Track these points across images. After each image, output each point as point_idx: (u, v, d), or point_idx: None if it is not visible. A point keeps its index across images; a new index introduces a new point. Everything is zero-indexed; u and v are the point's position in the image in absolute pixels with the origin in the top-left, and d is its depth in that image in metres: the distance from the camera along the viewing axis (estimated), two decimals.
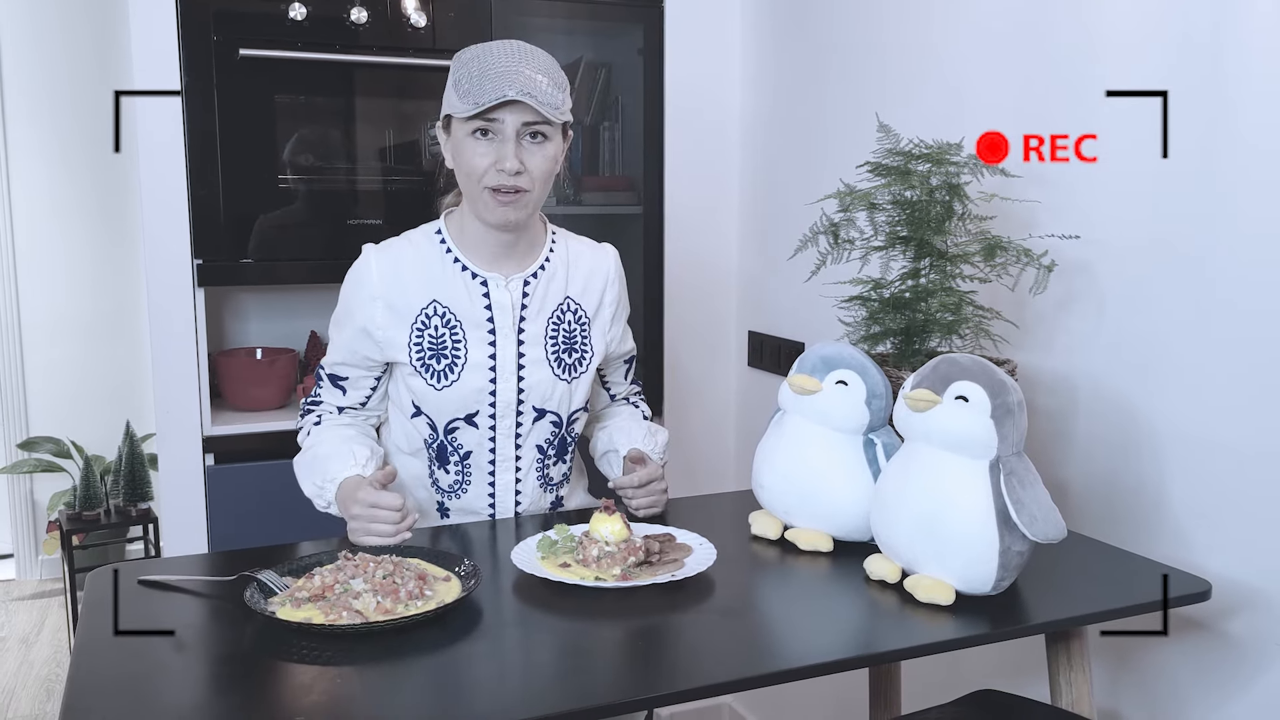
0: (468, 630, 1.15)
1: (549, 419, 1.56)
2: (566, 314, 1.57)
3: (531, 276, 1.54)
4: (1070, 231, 1.65)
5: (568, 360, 1.56)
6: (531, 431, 1.56)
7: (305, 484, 1.54)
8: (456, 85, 1.43)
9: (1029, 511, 1.18)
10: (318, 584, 1.18)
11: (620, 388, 1.75)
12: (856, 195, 1.60)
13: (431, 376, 1.50)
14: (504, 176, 1.42)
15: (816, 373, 1.41)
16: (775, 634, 1.15)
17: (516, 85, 1.38)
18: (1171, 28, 1.48)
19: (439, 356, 1.49)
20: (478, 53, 1.44)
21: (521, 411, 1.54)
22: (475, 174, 1.44)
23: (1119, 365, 1.60)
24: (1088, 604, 1.23)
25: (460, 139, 1.44)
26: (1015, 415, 1.21)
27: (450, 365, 1.49)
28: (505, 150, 1.41)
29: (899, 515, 1.25)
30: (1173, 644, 1.54)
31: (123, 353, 3.94)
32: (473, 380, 1.50)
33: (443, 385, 1.50)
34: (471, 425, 1.53)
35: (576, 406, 1.59)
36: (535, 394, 1.54)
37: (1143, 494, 1.57)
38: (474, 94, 1.39)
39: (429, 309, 1.50)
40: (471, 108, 1.39)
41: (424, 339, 1.49)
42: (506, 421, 1.54)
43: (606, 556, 1.30)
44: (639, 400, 1.78)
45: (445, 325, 1.50)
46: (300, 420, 1.63)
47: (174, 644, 1.11)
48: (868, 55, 2.13)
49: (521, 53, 1.43)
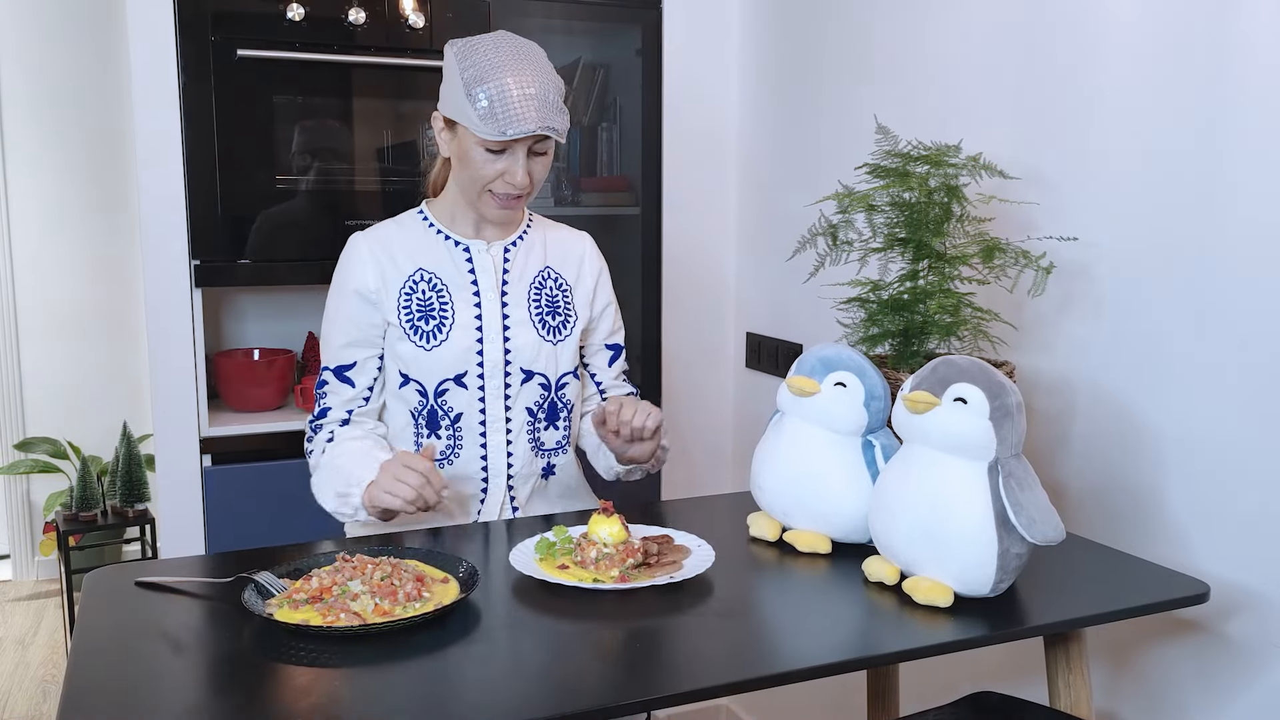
0: (466, 632, 1.15)
1: (537, 380, 1.61)
2: (548, 281, 1.64)
3: (511, 245, 1.63)
4: (1068, 233, 1.65)
5: (552, 323, 1.63)
6: (520, 393, 1.60)
7: (325, 495, 1.55)
8: (472, 101, 1.44)
9: (1027, 514, 1.18)
10: (315, 586, 1.18)
11: (610, 383, 1.74)
12: (855, 197, 1.60)
13: (420, 338, 1.56)
14: (511, 188, 1.51)
15: (815, 374, 1.41)
16: (773, 636, 1.15)
17: (539, 116, 1.44)
18: (1170, 28, 1.48)
19: (427, 318, 1.57)
20: (490, 63, 1.45)
21: (509, 373, 1.59)
22: (481, 180, 1.51)
23: (1117, 367, 1.60)
24: (1086, 606, 1.23)
25: (468, 145, 1.50)
26: (1014, 417, 1.21)
27: (439, 326, 1.56)
28: (516, 167, 1.49)
29: (897, 517, 1.25)
30: (1171, 646, 1.54)
31: (120, 353, 3.94)
32: (461, 340, 1.57)
33: (432, 346, 1.56)
34: (461, 386, 1.57)
35: (564, 369, 1.64)
36: (522, 355, 1.59)
37: (1141, 495, 1.57)
38: (499, 121, 1.44)
39: (415, 275, 1.58)
40: (497, 135, 1.44)
41: (412, 302, 1.57)
42: (495, 382, 1.58)
43: (605, 558, 1.30)
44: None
45: (432, 289, 1.57)
46: (309, 443, 1.62)
47: (171, 646, 1.11)
48: (866, 57, 2.13)
49: (531, 65, 1.46)
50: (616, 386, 1.75)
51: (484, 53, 1.46)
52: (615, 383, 1.75)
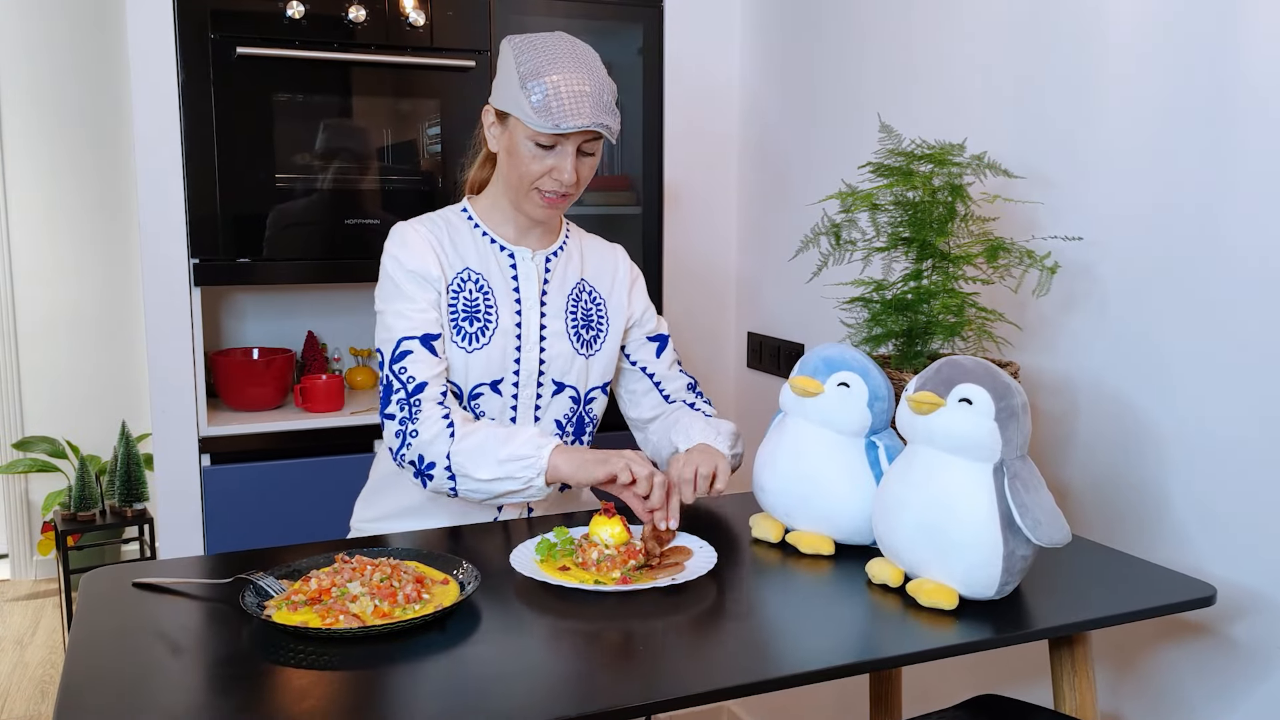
0: (466, 634, 1.14)
1: (567, 393, 1.61)
2: (583, 294, 1.64)
3: (553, 254, 1.63)
4: (1072, 233, 1.64)
5: (585, 335, 1.62)
6: (551, 404, 1.60)
7: (485, 464, 1.42)
8: (527, 93, 1.44)
9: (1033, 515, 1.17)
10: (314, 587, 1.17)
11: (664, 374, 1.70)
12: (858, 196, 1.59)
13: (463, 338, 1.54)
14: (559, 185, 1.50)
15: (818, 374, 1.40)
16: (776, 638, 1.14)
17: (594, 112, 1.44)
18: (1176, 26, 1.47)
19: (471, 319, 1.55)
20: (547, 57, 1.46)
21: (542, 384, 1.59)
22: (529, 177, 1.50)
23: (1121, 367, 1.59)
24: (1092, 608, 1.22)
25: (519, 139, 1.49)
26: (1019, 418, 1.20)
27: (482, 329, 1.55)
28: (565, 164, 1.48)
29: (901, 519, 1.24)
30: (1176, 648, 1.53)
31: (119, 352, 3.93)
32: (500, 345, 1.56)
33: (473, 348, 1.54)
34: (495, 392, 1.57)
35: (594, 384, 1.63)
36: (555, 366, 1.59)
37: (1145, 496, 1.56)
38: (554, 115, 1.43)
39: (463, 274, 1.56)
40: (551, 128, 1.44)
41: (459, 301, 1.55)
42: (528, 391, 1.58)
43: (606, 560, 1.29)
44: (700, 401, 1.71)
45: (479, 290, 1.56)
46: (407, 424, 1.46)
47: (169, 647, 1.10)
48: (869, 55, 2.12)
49: (587, 65, 1.48)
50: (672, 378, 1.71)
51: (541, 49, 1.47)
52: (670, 374, 1.71)
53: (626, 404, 1.73)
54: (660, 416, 1.69)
